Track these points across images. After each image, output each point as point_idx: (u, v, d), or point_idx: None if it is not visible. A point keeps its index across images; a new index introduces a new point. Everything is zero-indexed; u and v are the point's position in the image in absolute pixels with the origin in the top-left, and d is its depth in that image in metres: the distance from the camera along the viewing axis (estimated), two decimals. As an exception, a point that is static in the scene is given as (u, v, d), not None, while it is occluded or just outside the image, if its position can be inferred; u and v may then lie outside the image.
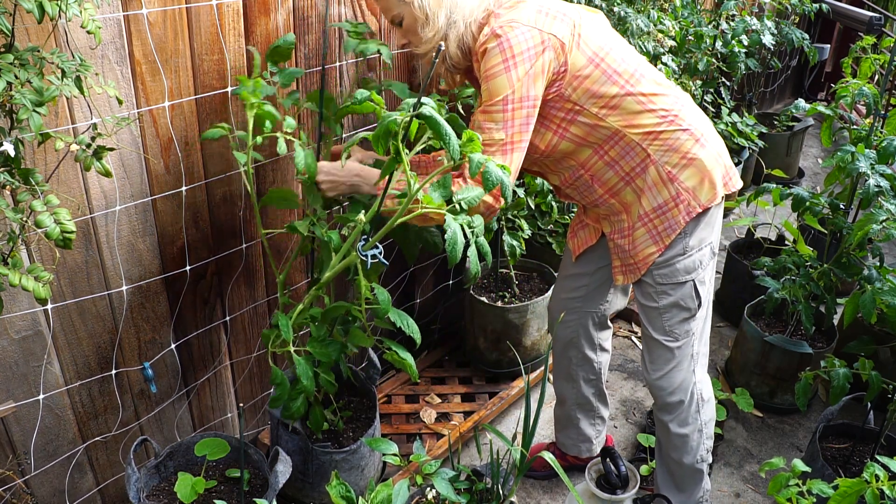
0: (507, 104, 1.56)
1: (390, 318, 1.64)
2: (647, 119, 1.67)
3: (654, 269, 1.78)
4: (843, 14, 4.34)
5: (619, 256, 1.84)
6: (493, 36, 1.55)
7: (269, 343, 1.73)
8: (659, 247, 1.75)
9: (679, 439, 1.94)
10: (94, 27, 1.27)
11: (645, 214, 1.74)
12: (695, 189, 1.71)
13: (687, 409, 1.91)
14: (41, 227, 1.22)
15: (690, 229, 1.74)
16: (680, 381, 1.88)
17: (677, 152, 1.69)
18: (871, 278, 2.24)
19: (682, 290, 1.79)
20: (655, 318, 1.84)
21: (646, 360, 1.92)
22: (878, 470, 1.48)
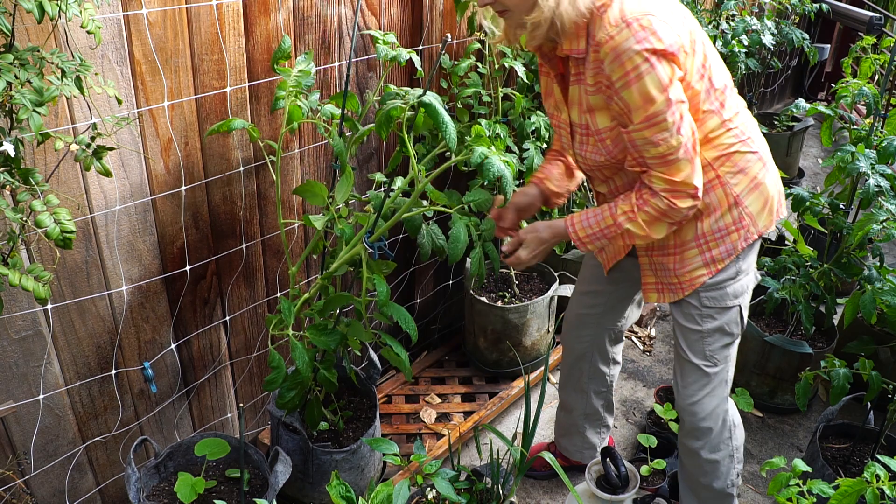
0: (670, 105, 1.42)
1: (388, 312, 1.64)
2: (725, 139, 1.59)
3: (703, 292, 1.70)
4: (843, 14, 4.34)
5: (657, 274, 1.75)
6: (627, 28, 1.39)
7: (271, 327, 1.73)
8: (710, 270, 1.67)
9: (710, 465, 1.87)
10: (94, 27, 1.27)
11: (702, 236, 1.65)
12: (757, 215, 1.65)
13: (718, 434, 1.83)
14: (41, 226, 1.22)
15: (744, 254, 1.68)
16: (713, 406, 1.80)
17: (746, 175, 1.62)
18: (871, 278, 2.24)
19: (728, 315, 1.72)
20: (696, 341, 1.75)
21: (678, 384, 1.83)
22: (878, 470, 1.48)
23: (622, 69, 1.41)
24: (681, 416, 1.87)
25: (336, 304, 1.76)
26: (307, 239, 2.17)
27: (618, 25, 1.40)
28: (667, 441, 2.37)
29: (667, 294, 1.75)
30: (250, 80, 1.82)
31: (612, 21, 1.41)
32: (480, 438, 2.44)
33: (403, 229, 2.40)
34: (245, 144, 1.88)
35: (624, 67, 1.41)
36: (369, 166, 2.28)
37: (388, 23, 2.12)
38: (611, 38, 1.40)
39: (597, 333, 2.04)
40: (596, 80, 1.49)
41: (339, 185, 1.72)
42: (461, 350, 2.81)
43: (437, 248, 1.84)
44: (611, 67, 1.42)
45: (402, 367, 1.75)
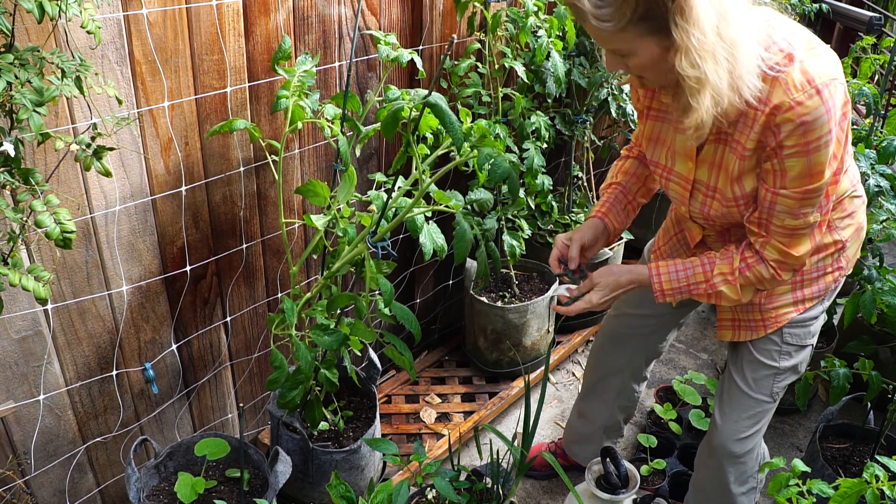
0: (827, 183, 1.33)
1: (392, 311, 1.64)
2: (843, 183, 1.49)
3: (787, 328, 1.62)
4: (843, 14, 4.34)
5: (735, 310, 1.66)
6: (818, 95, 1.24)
7: (273, 326, 1.73)
8: (798, 308, 1.60)
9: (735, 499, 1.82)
10: (94, 27, 1.27)
11: (799, 274, 1.57)
12: (852, 257, 1.60)
13: (751, 468, 1.78)
14: (41, 227, 1.22)
15: (831, 293, 1.63)
16: (756, 442, 1.75)
17: (853, 220, 1.55)
18: (871, 278, 2.24)
19: (804, 353, 1.66)
20: (767, 377, 1.67)
21: (727, 416, 1.73)
22: (878, 470, 1.48)
23: (804, 139, 1.27)
24: (720, 447, 1.76)
25: (339, 304, 1.76)
26: (307, 239, 2.17)
27: (805, 90, 1.24)
28: (667, 441, 2.37)
29: (744, 332, 1.66)
30: (250, 81, 1.82)
31: (797, 84, 1.25)
32: (480, 438, 2.44)
33: (404, 229, 2.41)
34: (245, 144, 1.88)
35: (807, 137, 1.26)
36: (369, 166, 2.28)
37: (388, 23, 2.12)
38: (798, 105, 1.24)
39: (636, 354, 1.97)
40: (758, 143, 1.34)
41: (342, 185, 1.72)
42: (461, 350, 2.81)
43: (438, 247, 1.84)
44: (789, 134, 1.27)
45: (407, 367, 1.76)
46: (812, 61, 1.27)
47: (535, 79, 2.50)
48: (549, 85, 2.45)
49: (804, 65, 1.26)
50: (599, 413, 2.11)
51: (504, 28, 2.32)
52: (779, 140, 1.29)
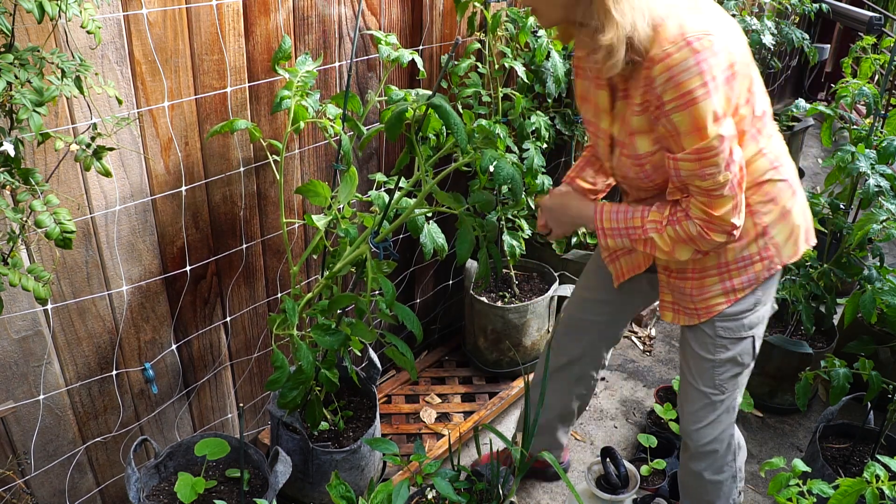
0: (722, 140, 1.34)
1: (393, 311, 1.64)
2: (758, 164, 1.51)
3: (718, 321, 1.64)
4: (843, 14, 4.34)
5: (674, 295, 1.70)
6: (687, 47, 1.29)
7: (274, 326, 1.73)
8: (728, 299, 1.61)
9: (712, 486, 1.83)
10: (94, 27, 1.27)
11: (724, 264, 1.59)
12: (782, 245, 1.59)
13: (723, 457, 1.79)
14: (41, 226, 1.22)
15: (764, 285, 1.63)
16: (719, 432, 1.76)
17: (776, 204, 1.55)
18: (871, 278, 2.24)
19: (741, 346, 1.67)
20: (707, 370, 1.70)
21: (684, 408, 1.78)
22: (878, 470, 1.48)
23: (678, 91, 1.31)
24: (684, 439, 1.82)
25: (340, 305, 1.76)
26: (307, 239, 2.17)
27: (676, 43, 1.29)
28: (667, 441, 2.37)
29: (682, 316, 1.70)
30: (250, 81, 1.82)
31: (670, 38, 1.30)
32: (480, 438, 2.44)
33: (404, 229, 2.41)
34: (245, 144, 1.88)
35: (679, 90, 1.30)
36: (369, 166, 2.28)
37: (388, 23, 2.12)
38: (668, 56, 1.30)
39: (596, 340, 1.98)
40: (644, 98, 1.39)
41: (343, 185, 1.72)
42: (461, 350, 2.81)
43: (438, 247, 1.84)
44: (663, 87, 1.32)
45: (408, 367, 1.76)
46: (691, 17, 1.31)
47: (535, 79, 2.50)
48: (549, 85, 2.45)
49: (681, 20, 1.31)
50: (556, 402, 2.09)
51: (504, 28, 2.32)
52: (657, 96, 1.34)
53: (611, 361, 2.94)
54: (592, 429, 2.60)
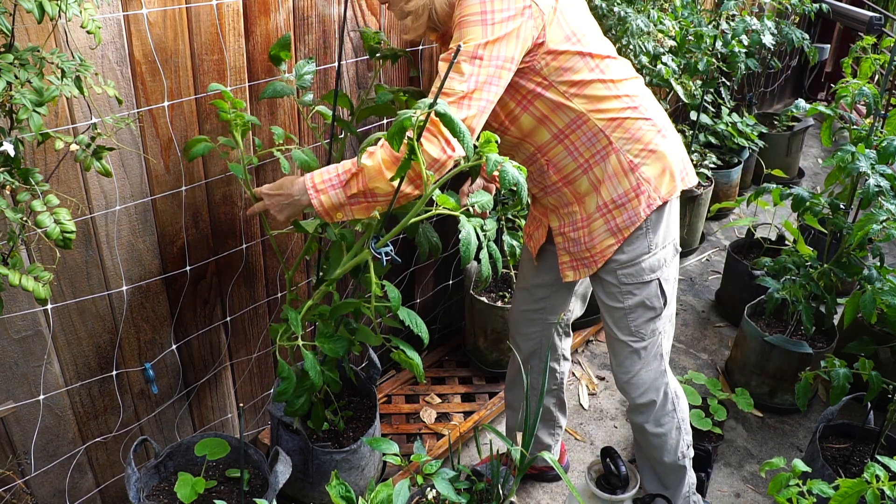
0: (475, 57, 1.44)
1: (400, 317, 1.64)
2: (613, 104, 1.61)
3: (619, 269, 1.72)
4: (843, 14, 4.34)
5: (570, 251, 1.78)
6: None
7: (277, 337, 1.73)
8: (618, 239, 1.69)
9: (657, 439, 1.90)
10: (94, 27, 1.26)
11: (604, 205, 1.67)
12: (655, 180, 1.66)
13: (661, 408, 1.87)
14: (41, 227, 1.22)
15: (652, 224, 1.69)
16: (650, 381, 1.83)
17: (639, 142, 1.64)
18: (872, 278, 2.24)
19: (647, 290, 1.74)
20: (620, 318, 1.78)
21: (612, 362, 1.88)
22: (878, 470, 1.48)
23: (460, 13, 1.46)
24: (623, 395, 1.89)
25: (343, 311, 1.76)
26: (307, 239, 2.17)
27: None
28: (667, 441, 2.37)
29: (581, 269, 1.77)
30: (250, 80, 1.82)
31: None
32: (480, 438, 2.44)
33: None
34: (245, 144, 1.88)
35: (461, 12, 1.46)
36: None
37: (388, 23, 2.12)
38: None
39: (544, 329, 2.03)
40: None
41: None
42: (461, 350, 2.81)
43: (433, 245, 1.84)
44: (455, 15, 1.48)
45: (415, 370, 1.75)
46: None
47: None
48: (549, 85, 2.44)
49: None
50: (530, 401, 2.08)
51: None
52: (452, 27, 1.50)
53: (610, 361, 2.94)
54: (592, 429, 2.60)
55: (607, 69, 1.61)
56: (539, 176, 1.73)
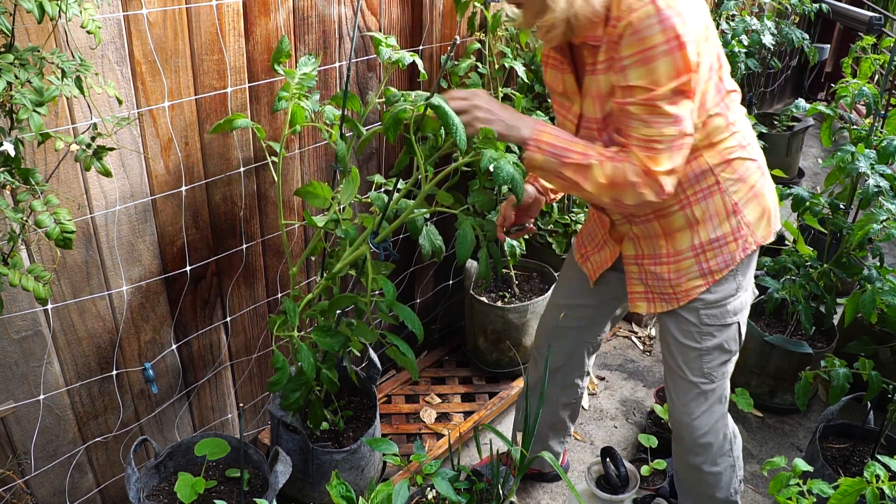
0: (679, 94, 1.33)
1: (394, 311, 1.64)
2: (728, 142, 1.52)
3: (703, 309, 1.64)
4: (843, 14, 4.34)
5: (647, 283, 1.68)
6: (650, 3, 1.30)
7: (275, 328, 1.73)
8: (706, 281, 1.61)
9: (713, 477, 1.82)
10: (94, 27, 1.27)
11: (699, 245, 1.59)
12: (755, 224, 1.59)
13: (719, 448, 1.79)
14: (41, 227, 1.22)
15: (743, 267, 1.62)
16: (712, 423, 1.75)
17: (745, 183, 1.56)
18: (871, 278, 2.24)
19: (727, 332, 1.67)
20: (694, 359, 1.69)
21: (675, 401, 1.77)
22: (878, 469, 1.48)
23: (639, 46, 1.32)
24: (677, 433, 1.80)
25: (340, 305, 1.76)
26: (307, 239, 2.17)
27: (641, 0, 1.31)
28: (667, 441, 2.37)
29: (658, 304, 1.68)
30: (250, 81, 1.82)
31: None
32: (480, 438, 2.44)
33: (404, 229, 2.41)
34: (245, 145, 1.88)
35: (642, 45, 1.31)
36: (369, 167, 2.28)
37: (388, 23, 2.12)
38: (632, 12, 1.31)
39: (576, 347, 1.96)
40: (608, 55, 1.40)
41: (344, 186, 1.72)
42: (461, 350, 2.81)
43: (437, 248, 1.84)
44: (627, 43, 1.33)
45: (409, 367, 1.75)
46: None
47: (536, 79, 2.51)
48: (549, 85, 2.45)
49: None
50: (543, 412, 2.07)
51: (504, 28, 2.32)
52: (619, 52, 1.35)
53: (611, 361, 2.94)
54: (592, 429, 2.60)
55: (731, 104, 1.53)
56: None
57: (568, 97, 1.58)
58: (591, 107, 1.51)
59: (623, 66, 1.35)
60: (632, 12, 1.31)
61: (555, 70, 1.59)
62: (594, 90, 1.48)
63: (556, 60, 1.58)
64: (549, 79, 1.63)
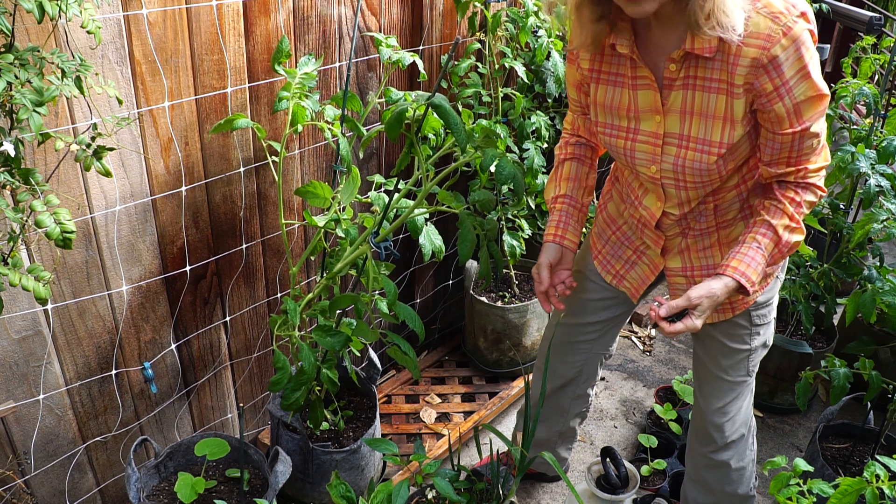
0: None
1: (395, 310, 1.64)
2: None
3: (754, 310, 1.63)
4: (843, 14, 4.33)
5: None
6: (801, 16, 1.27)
7: (276, 327, 1.73)
8: (762, 286, 1.60)
9: (737, 473, 1.82)
10: (94, 27, 1.27)
11: None
12: None
13: (746, 441, 1.79)
14: (41, 227, 1.22)
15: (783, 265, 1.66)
16: (746, 415, 1.76)
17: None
18: (872, 278, 2.24)
19: (769, 329, 1.69)
20: (742, 360, 1.68)
21: (712, 406, 1.74)
22: (878, 469, 1.48)
23: (801, 62, 1.28)
24: (706, 434, 1.77)
25: (341, 305, 1.76)
26: (307, 239, 2.17)
27: (791, 14, 1.25)
28: (667, 441, 2.37)
29: (713, 314, 1.60)
30: (250, 81, 1.82)
31: (782, 10, 1.26)
32: (480, 438, 2.44)
33: (404, 229, 2.41)
34: (245, 145, 1.88)
35: (803, 60, 1.27)
36: (369, 167, 2.28)
37: (388, 23, 2.12)
38: (789, 30, 1.25)
39: (589, 359, 1.94)
40: (747, 83, 1.32)
41: (345, 186, 1.72)
42: (461, 350, 2.81)
43: (437, 249, 1.84)
44: (787, 62, 1.28)
45: (410, 367, 1.75)
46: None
47: (536, 79, 2.50)
48: (549, 85, 2.45)
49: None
50: (555, 422, 2.07)
51: (504, 28, 2.32)
52: (780, 75, 1.29)
53: (610, 361, 2.94)
54: (592, 429, 2.60)
55: None
56: (693, 219, 1.58)
57: (635, 116, 1.47)
58: (680, 124, 1.43)
59: (790, 88, 1.31)
60: (789, 30, 1.26)
61: (616, 87, 1.48)
62: (685, 106, 1.41)
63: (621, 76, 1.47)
64: (601, 96, 1.51)
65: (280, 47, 1.66)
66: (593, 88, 1.52)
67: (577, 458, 2.46)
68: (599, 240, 1.81)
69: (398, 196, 1.69)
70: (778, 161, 1.42)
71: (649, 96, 1.44)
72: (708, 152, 1.42)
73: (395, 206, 1.69)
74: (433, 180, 1.45)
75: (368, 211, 2.08)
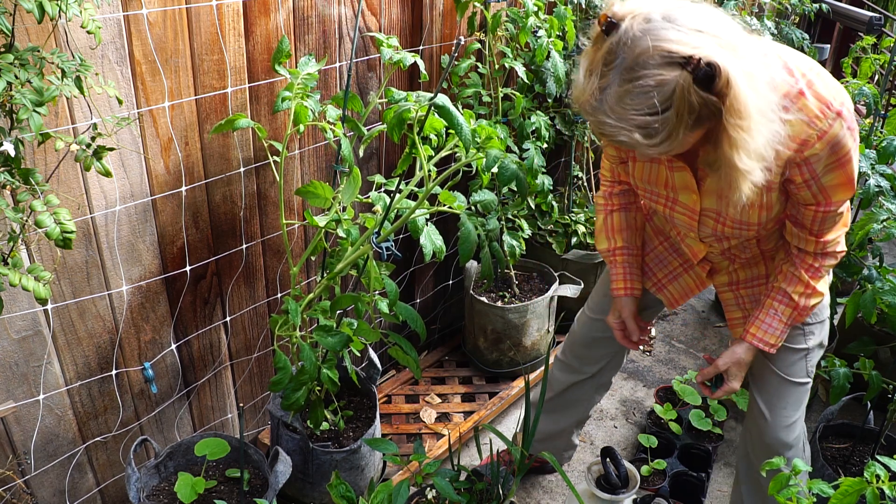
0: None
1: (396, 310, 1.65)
2: None
3: None
4: (843, 14, 4.33)
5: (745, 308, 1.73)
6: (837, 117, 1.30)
7: (276, 328, 1.73)
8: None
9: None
10: (94, 27, 1.27)
11: None
12: None
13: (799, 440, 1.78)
14: (41, 227, 1.22)
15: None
16: (802, 415, 1.77)
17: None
18: (871, 278, 2.24)
19: (824, 328, 1.71)
20: (800, 360, 1.70)
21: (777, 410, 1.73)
22: (878, 469, 1.48)
23: (835, 157, 1.33)
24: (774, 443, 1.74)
25: (342, 305, 1.76)
26: (307, 239, 2.17)
27: (827, 117, 1.29)
28: (667, 441, 2.37)
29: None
30: (250, 81, 1.82)
31: (817, 114, 1.29)
32: (480, 438, 2.44)
33: (404, 229, 2.41)
34: (245, 145, 1.88)
35: (837, 156, 1.33)
36: (370, 166, 2.28)
37: (388, 23, 2.12)
38: (824, 134, 1.30)
39: (616, 352, 1.98)
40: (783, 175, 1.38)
41: (346, 186, 1.72)
42: (461, 350, 2.81)
43: (437, 249, 1.84)
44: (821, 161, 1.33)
45: (412, 366, 1.75)
46: (819, 84, 1.30)
47: (535, 79, 2.51)
48: (549, 85, 2.45)
49: (815, 90, 1.29)
50: (578, 410, 2.10)
51: (504, 28, 2.32)
52: (811, 170, 1.34)
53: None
54: (592, 429, 2.60)
55: None
56: (738, 249, 1.65)
57: (673, 188, 1.53)
58: (716, 202, 1.49)
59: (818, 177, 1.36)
60: (824, 133, 1.30)
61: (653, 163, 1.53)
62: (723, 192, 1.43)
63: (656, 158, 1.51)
64: (639, 172, 1.57)
65: (280, 47, 1.66)
66: (631, 164, 1.58)
67: (577, 458, 2.46)
68: (651, 249, 1.84)
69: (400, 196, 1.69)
70: (801, 224, 1.48)
71: (685, 177, 1.49)
72: (747, 229, 1.50)
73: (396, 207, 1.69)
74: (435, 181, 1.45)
75: (369, 211, 2.08)
